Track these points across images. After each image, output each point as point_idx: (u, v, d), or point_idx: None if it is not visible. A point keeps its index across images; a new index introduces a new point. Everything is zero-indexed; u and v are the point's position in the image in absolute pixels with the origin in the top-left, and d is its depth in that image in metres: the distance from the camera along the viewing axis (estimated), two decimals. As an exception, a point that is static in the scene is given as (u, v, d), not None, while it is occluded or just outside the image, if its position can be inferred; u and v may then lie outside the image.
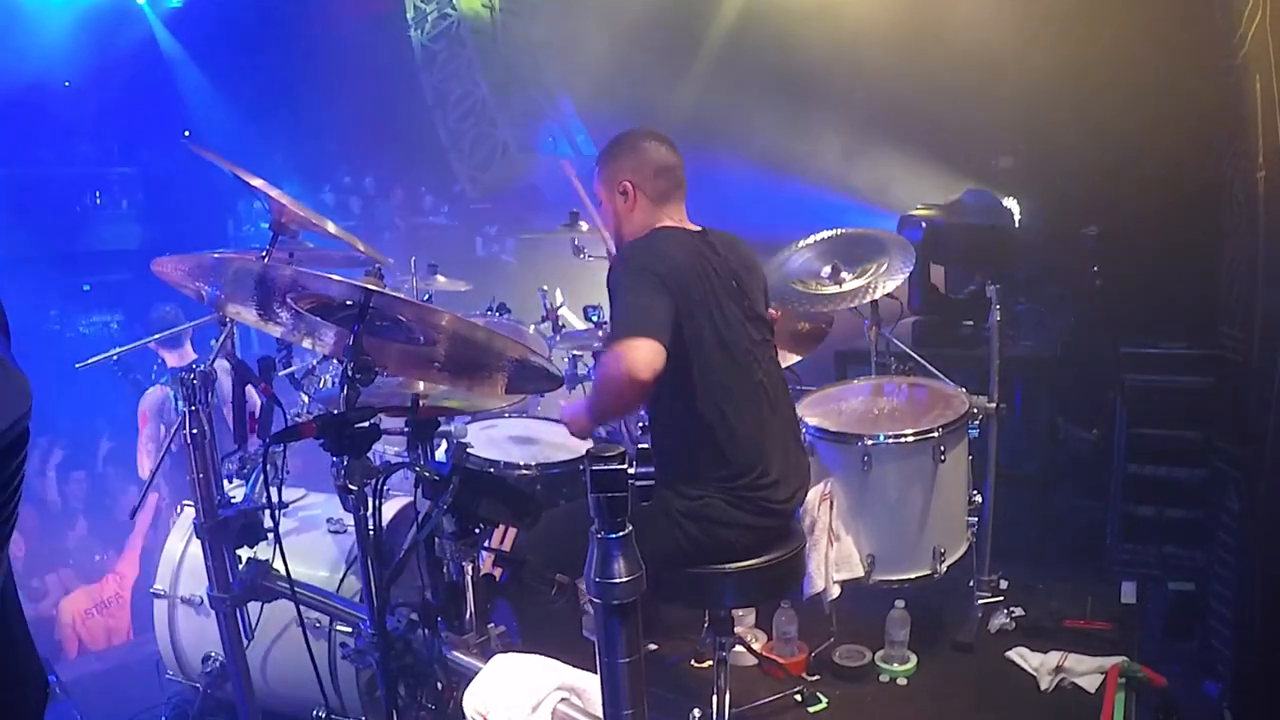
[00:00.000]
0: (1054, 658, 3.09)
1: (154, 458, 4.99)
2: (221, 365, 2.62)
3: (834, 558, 2.98)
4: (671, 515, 2.43)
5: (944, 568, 3.06)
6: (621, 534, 1.32)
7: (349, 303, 1.88)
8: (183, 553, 2.99)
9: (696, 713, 2.60)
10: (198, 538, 2.51)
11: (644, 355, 2.21)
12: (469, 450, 2.60)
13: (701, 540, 2.44)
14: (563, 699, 1.70)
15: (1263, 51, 2.84)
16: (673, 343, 2.31)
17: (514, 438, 3.28)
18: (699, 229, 2.60)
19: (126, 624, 5.26)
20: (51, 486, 6.02)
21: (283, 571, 2.08)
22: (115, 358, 5.22)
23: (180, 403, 2.30)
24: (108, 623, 5.21)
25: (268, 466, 2.24)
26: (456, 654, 2.03)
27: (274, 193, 2.37)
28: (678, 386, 2.42)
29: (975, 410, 3.20)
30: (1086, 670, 3.03)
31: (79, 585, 5.32)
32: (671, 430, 2.53)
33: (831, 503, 3.01)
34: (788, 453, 2.57)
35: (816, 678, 3.13)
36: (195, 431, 2.35)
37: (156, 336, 4.30)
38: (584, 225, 3.66)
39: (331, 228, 2.56)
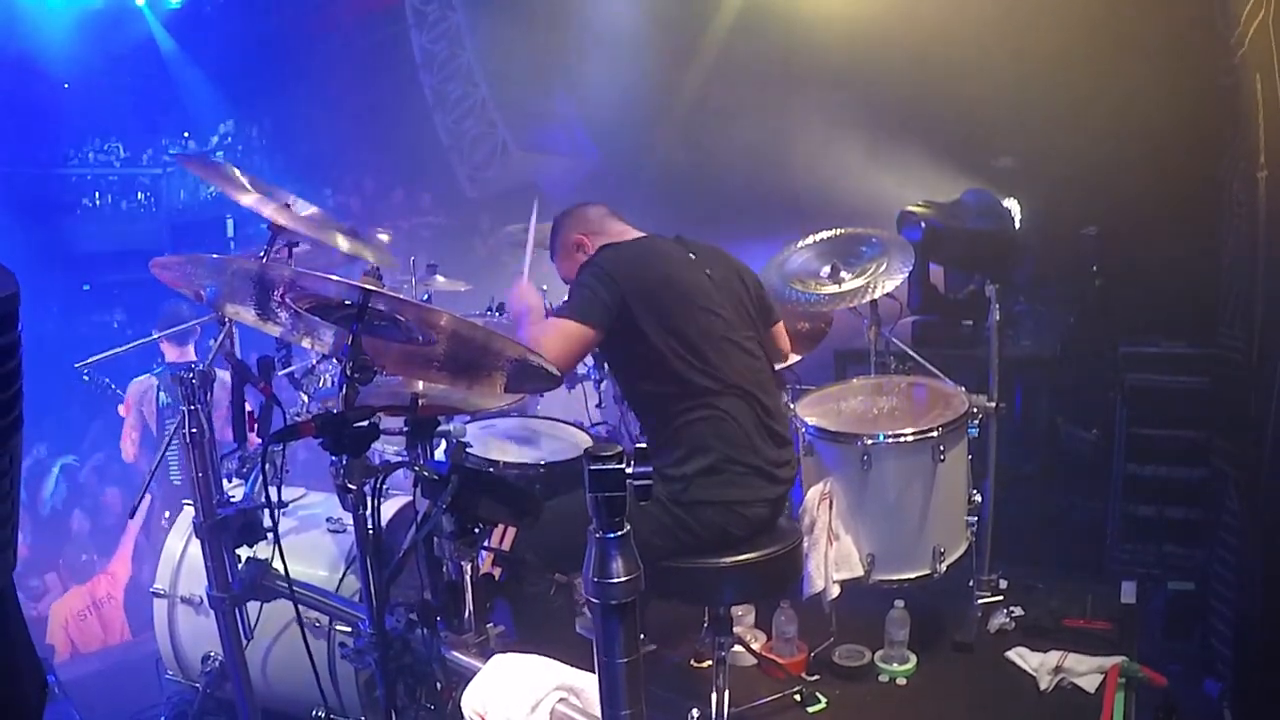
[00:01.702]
0: (1054, 657, 3.08)
1: (136, 445, 5.03)
2: (221, 372, 2.62)
3: (833, 557, 2.98)
4: (657, 500, 2.45)
5: (944, 567, 3.06)
6: (619, 533, 1.32)
7: (347, 303, 1.88)
8: (182, 552, 2.99)
9: (695, 713, 2.59)
10: (197, 537, 2.51)
11: (559, 345, 2.43)
12: (468, 449, 2.60)
13: (691, 524, 2.46)
14: (561, 699, 1.70)
15: (1264, 51, 2.83)
16: (635, 328, 2.48)
17: (513, 437, 3.28)
18: (673, 238, 2.76)
19: (120, 624, 5.26)
20: (47, 487, 6.03)
21: (282, 571, 2.07)
22: (84, 376, 5.24)
23: (164, 395, 2.31)
24: (101, 623, 5.20)
25: (266, 466, 2.24)
26: (455, 653, 2.04)
27: (268, 209, 2.40)
28: (646, 369, 2.55)
29: (975, 410, 3.20)
30: (1086, 670, 3.02)
31: (70, 586, 5.31)
32: (649, 412, 2.66)
33: (831, 502, 3.01)
34: (770, 432, 2.61)
35: (816, 678, 3.13)
36: (194, 431, 2.35)
37: (163, 333, 4.31)
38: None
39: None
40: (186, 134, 8.89)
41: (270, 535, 2.15)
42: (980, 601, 3.49)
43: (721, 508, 2.50)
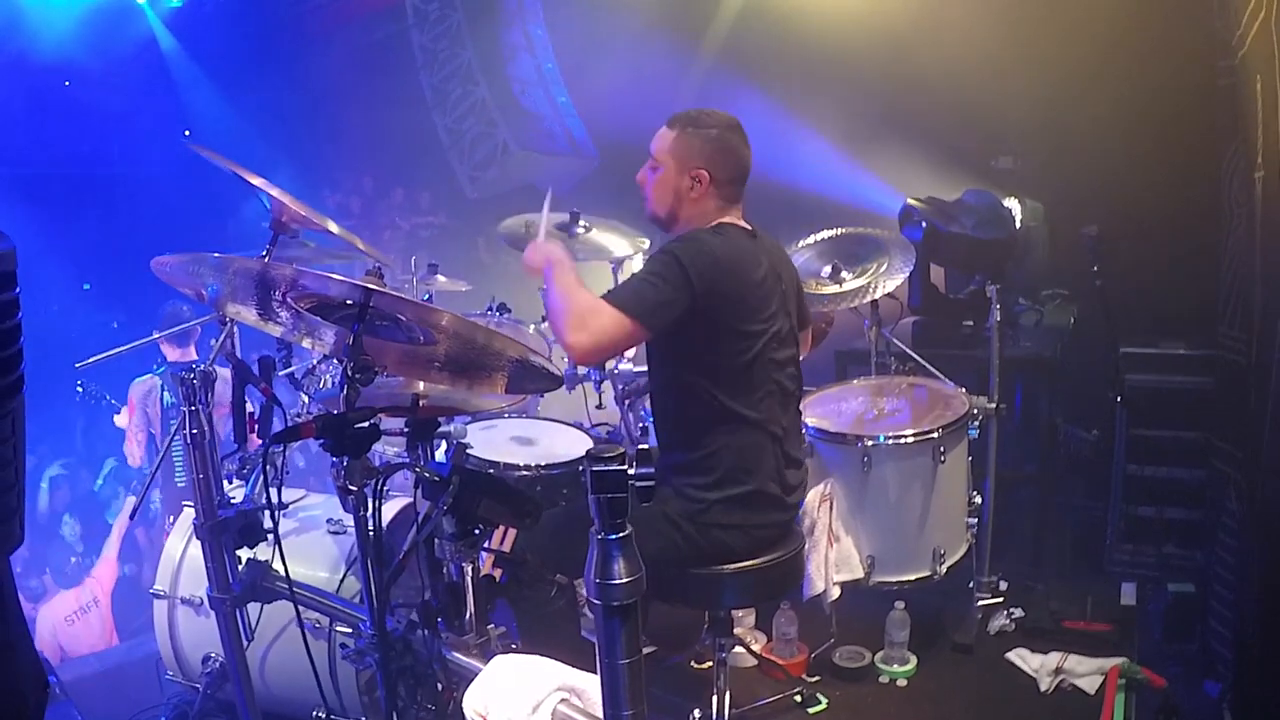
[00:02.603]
0: (1054, 659, 3.09)
1: (142, 446, 5.00)
2: (221, 370, 2.61)
3: (834, 559, 2.98)
4: (670, 517, 2.43)
5: (944, 569, 3.06)
6: (621, 535, 1.32)
7: (349, 302, 1.88)
8: (182, 553, 2.99)
9: (696, 713, 2.60)
10: (197, 538, 2.51)
11: (600, 334, 2.21)
12: (469, 451, 2.60)
13: (699, 542, 2.44)
14: (563, 700, 1.70)
15: (1265, 51, 2.83)
16: (694, 331, 2.33)
17: (514, 438, 3.28)
18: (754, 230, 2.57)
19: (108, 628, 5.24)
20: (44, 495, 6.02)
21: (282, 572, 2.07)
22: (80, 388, 5.20)
23: (168, 395, 2.31)
24: (88, 627, 5.18)
25: (267, 467, 2.24)
26: (456, 655, 2.04)
27: (274, 191, 2.37)
28: (696, 372, 2.42)
29: (975, 410, 3.20)
30: (1086, 671, 3.03)
31: (57, 591, 5.29)
32: (678, 431, 2.52)
33: (831, 504, 3.01)
34: (790, 459, 2.58)
35: (816, 679, 3.13)
36: (195, 431, 2.35)
37: (162, 334, 4.30)
38: (584, 224, 3.65)
39: (332, 227, 2.56)
40: (187, 132, 8.87)
41: (271, 536, 2.15)
42: (980, 603, 3.49)
43: (736, 531, 2.46)
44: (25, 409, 1.09)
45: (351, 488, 1.90)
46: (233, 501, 2.47)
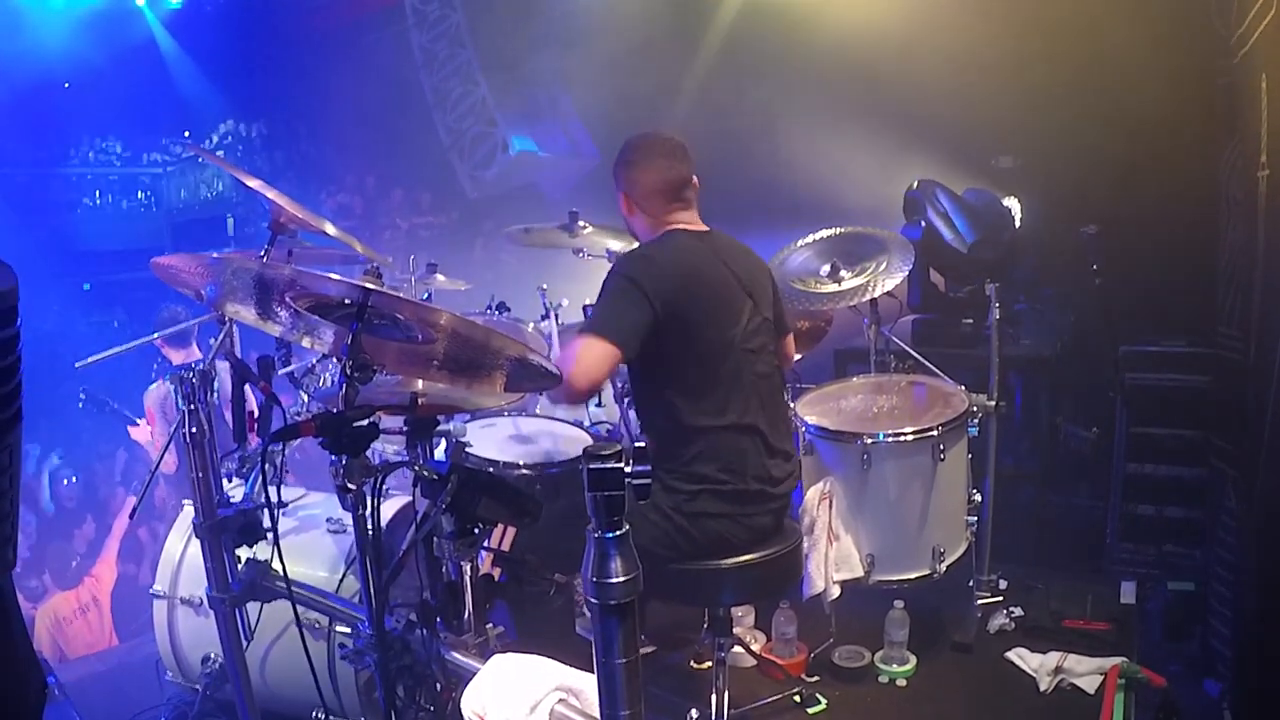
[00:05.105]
0: (1053, 658, 3.08)
1: (174, 454, 5.01)
2: (221, 365, 2.62)
3: (833, 557, 2.97)
4: (660, 508, 2.45)
5: (943, 568, 3.06)
6: (618, 533, 1.32)
7: (347, 302, 1.88)
8: (182, 553, 2.99)
9: (694, 713, 2.59)
10: (197, 537, 2.51)
11: (588, 365, 2.33)
12: (468, 449, 2.60)
13: (692, 532, 2.46)
14: (560, 699, 1.70)
15: (1273, 50, 2.82)
16: (658, 345, 2.40)
17: (513, 437, 3.28)
18: (704, 230, 2.64)
19: (108, 628, 5.24)
20: (44, 492, 6.02)
21: (281, 572, 2.07)
22: (83, 396, 5.22)
23: (179, 400, 2.31)
24: (88, 628, 5.18)
25: (266, 466, 2.24)
26: (455, 654, 2.04)
27: (271, 193, 2.37)
28: (663, 385, 2.49)
29: (975, 409, 3.20)
30: (1086, 671, 3.02)
31: (56, 591, 5.28)
32: (659, 426, 2.57)
33: (831, 502, 3.00)
34: (776, 449, 2.60)
35: (816, 678, 3.13)
36: (194, 430, 2.35)
37: (161, 334, 4.29)
38: (583, 224, 3.66)
39: (330, 229, 2.56)
40: (187, 133, 8.90)
41: (270, 536, 2.15)
42: (980, 602, 3.49)
43: (726, 519, 2.51)
44: (21, 441, 1.09)
45: (350, 486, 1.90)
46: (232, 500, 2.47)
